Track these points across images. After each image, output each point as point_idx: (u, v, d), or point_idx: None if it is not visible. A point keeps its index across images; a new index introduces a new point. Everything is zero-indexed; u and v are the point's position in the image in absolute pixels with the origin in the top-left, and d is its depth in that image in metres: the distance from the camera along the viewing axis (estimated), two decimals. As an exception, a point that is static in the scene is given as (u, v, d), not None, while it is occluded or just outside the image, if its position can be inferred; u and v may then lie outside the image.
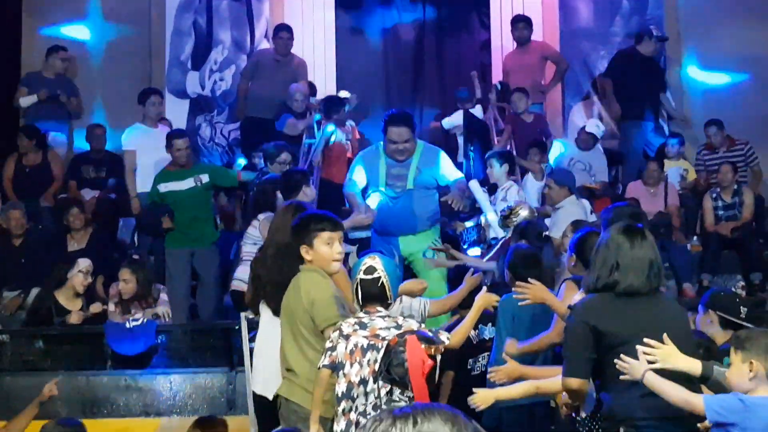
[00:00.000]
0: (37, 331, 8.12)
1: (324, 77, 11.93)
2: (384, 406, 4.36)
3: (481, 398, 4.77)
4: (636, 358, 4.24)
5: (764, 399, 4.07)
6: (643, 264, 4.52)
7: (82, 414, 7.18)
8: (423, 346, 4.48)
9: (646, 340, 4.25)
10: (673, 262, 9.32)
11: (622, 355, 4.26)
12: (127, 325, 7.68)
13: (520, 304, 5.49)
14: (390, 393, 4.48)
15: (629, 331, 4.40)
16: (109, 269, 8.70)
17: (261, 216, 7.58)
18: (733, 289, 8.29)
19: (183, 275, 8.87)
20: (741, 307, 5.40)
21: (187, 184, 8.90)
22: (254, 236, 7.48)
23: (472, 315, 5.08)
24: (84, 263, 8.21)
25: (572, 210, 8.09)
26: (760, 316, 6.26)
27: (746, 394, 4.11)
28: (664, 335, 4.24)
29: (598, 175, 10.49)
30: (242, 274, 7.34)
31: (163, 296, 8.19)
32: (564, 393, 4.82)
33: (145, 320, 7.75)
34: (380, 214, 7.57)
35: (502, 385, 4.96)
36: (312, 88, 10.95)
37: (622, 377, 4.27)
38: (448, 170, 7.88)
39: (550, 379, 4.98)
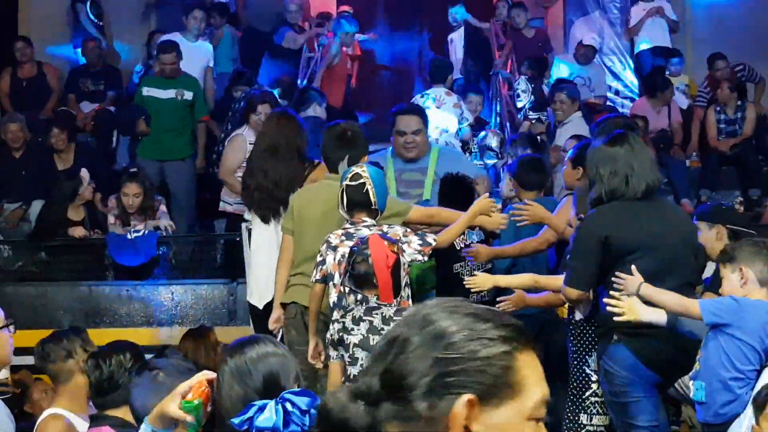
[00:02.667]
0: (39, 242, 8.15)
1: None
2: (364, 315, 4.41)
3: (481, 281, 4.95)
4: (644, 265, 4.35)
5: (757, 300, 4.23)
6: (652, 163, 4.61)
7: (85, 324, 7.22)
8: (385, 243, 4.56)
9: (611, 293, 4.34)
10: (672, 177, 9.31)
11: (617, 272, 4.36)
12: (129, 237, 7.70)
13: (518, 225, 5.51)
14: (366, 301, 4.48)
15: (639, 239, 4.48)
16: (101, 182, 8.60)
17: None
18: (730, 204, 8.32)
19: None
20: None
21: (168, 94, 8.83)
22: None
23: (466, 218, 5.10)
24: (87, 175, 8.24)
25: (580, 125, 8.09)
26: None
27: None
28: (626, 298, 4.30)
29: (597, 89, 10.43)
30: None
31: (163, 208, 8.18)
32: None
33: (146, 231, 7.77)
34: None
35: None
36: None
37: (619, 293, 4.35)
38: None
39: (549, 276, 5.11)
